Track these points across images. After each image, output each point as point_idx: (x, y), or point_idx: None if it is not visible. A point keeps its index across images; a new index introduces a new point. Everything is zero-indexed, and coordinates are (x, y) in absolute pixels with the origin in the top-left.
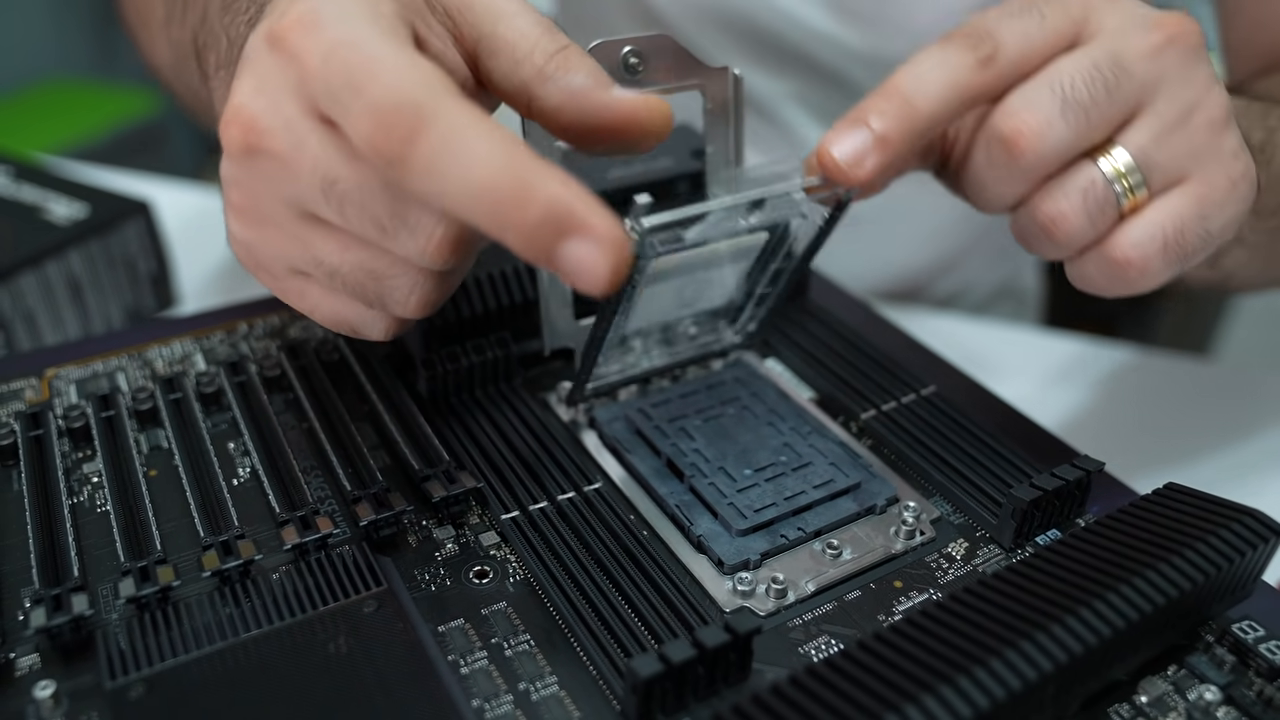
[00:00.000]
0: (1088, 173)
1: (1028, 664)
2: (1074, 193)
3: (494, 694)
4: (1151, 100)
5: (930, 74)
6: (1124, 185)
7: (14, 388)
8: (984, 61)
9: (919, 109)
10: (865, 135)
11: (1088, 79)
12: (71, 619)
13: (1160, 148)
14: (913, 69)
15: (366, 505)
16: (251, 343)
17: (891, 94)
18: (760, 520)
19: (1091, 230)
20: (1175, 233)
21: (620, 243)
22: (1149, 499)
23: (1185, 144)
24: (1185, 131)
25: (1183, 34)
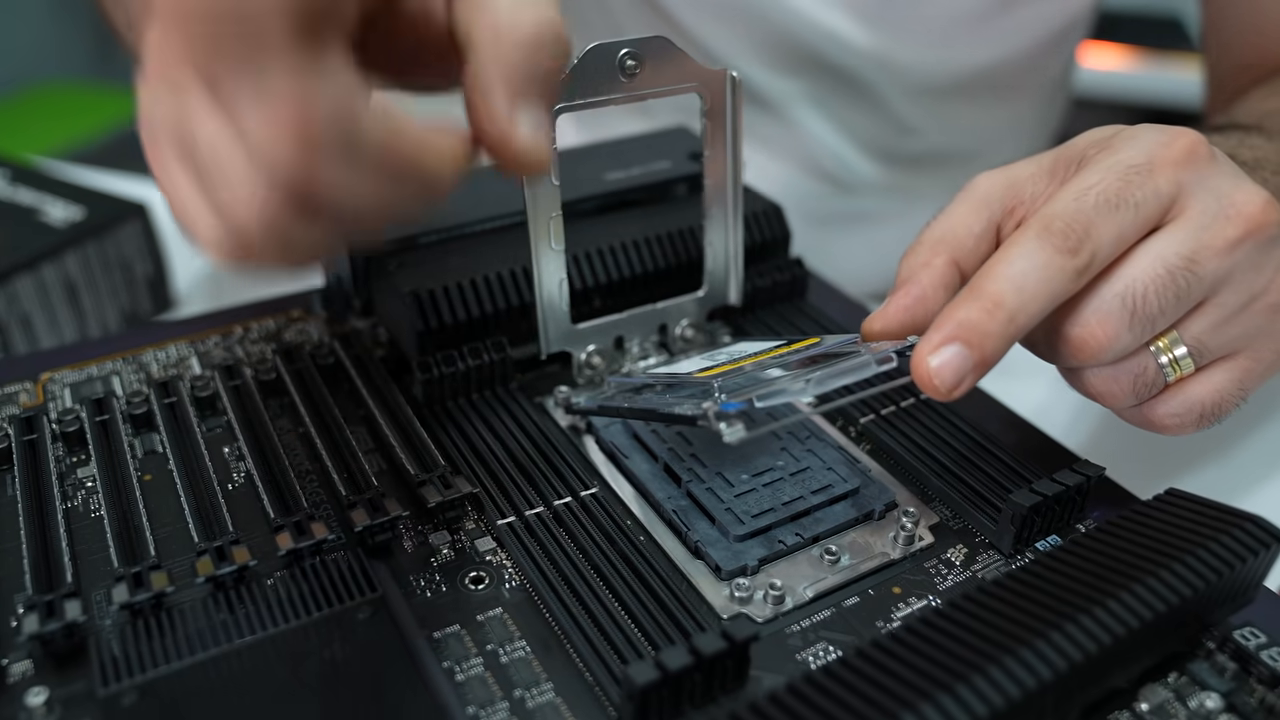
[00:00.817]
0: (1142, 360)
1: (1028, 671)
2: (1126, 377)
3: (489, 701)
4: (1218, 292)
5: (1031, 285)
6: (1172, 363)
7: (8, 391)
8: (1082, 270)
9: (1019, 325)
10: (964, 356)
11: (1160, 289)
12: (64, 625)
13: (1216, 335)
14: (1013, 278)
15: (362, 510)
16: (247, 346)
17: (993, 308)
18: (758, 526)
19: (1135, 401)
20: (1213, 405)
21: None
22: (1150, 505)
23: (1241, 329)
24: (1244, 317)
25: (1262, 225)
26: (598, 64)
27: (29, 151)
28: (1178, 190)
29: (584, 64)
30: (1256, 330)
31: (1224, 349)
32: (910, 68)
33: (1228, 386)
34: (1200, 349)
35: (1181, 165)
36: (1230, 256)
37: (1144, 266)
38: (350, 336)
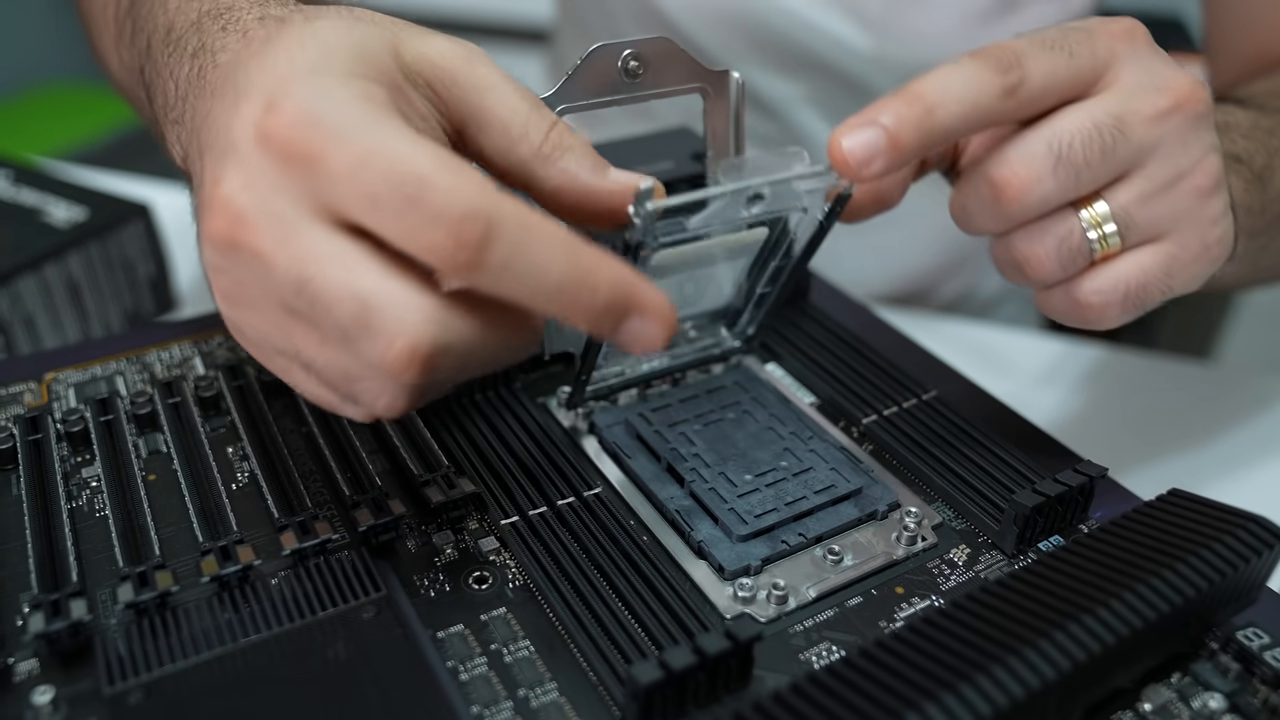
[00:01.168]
0: (1067, 223)
1: (1031, 671)
2: (1050, 239)
3: (493, 700)
4: (1145, 163)
5: (955, 88)
6: (1100, 238)
7: (13, 391)
8: (1009, 90)
9: (937, 119)
10: (878, 134)
11: (1086, 140)
12: (70, 624)
13: (1143, 208)
14: (939, 79)
15: (365, 510)
16: None
17: (913, 99)
18: (761, 526)
19: (1061, 273)
20: (1138, 287)
21: (669, 312)
22: (1153, 505)
23: (1168, 207)
24: (1171, 195)
25: (1191, 100)
26: (601, 65)
27: (31, 152)
28: (1112, 58)
29: (588, 65)
30: (1182, 213)
31: (1150, 228)
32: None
33: (1153, 269)
34: (1127, 221)
35: (1120, 38)
36: (1158, 126)
37: (1072, 119)
38: None
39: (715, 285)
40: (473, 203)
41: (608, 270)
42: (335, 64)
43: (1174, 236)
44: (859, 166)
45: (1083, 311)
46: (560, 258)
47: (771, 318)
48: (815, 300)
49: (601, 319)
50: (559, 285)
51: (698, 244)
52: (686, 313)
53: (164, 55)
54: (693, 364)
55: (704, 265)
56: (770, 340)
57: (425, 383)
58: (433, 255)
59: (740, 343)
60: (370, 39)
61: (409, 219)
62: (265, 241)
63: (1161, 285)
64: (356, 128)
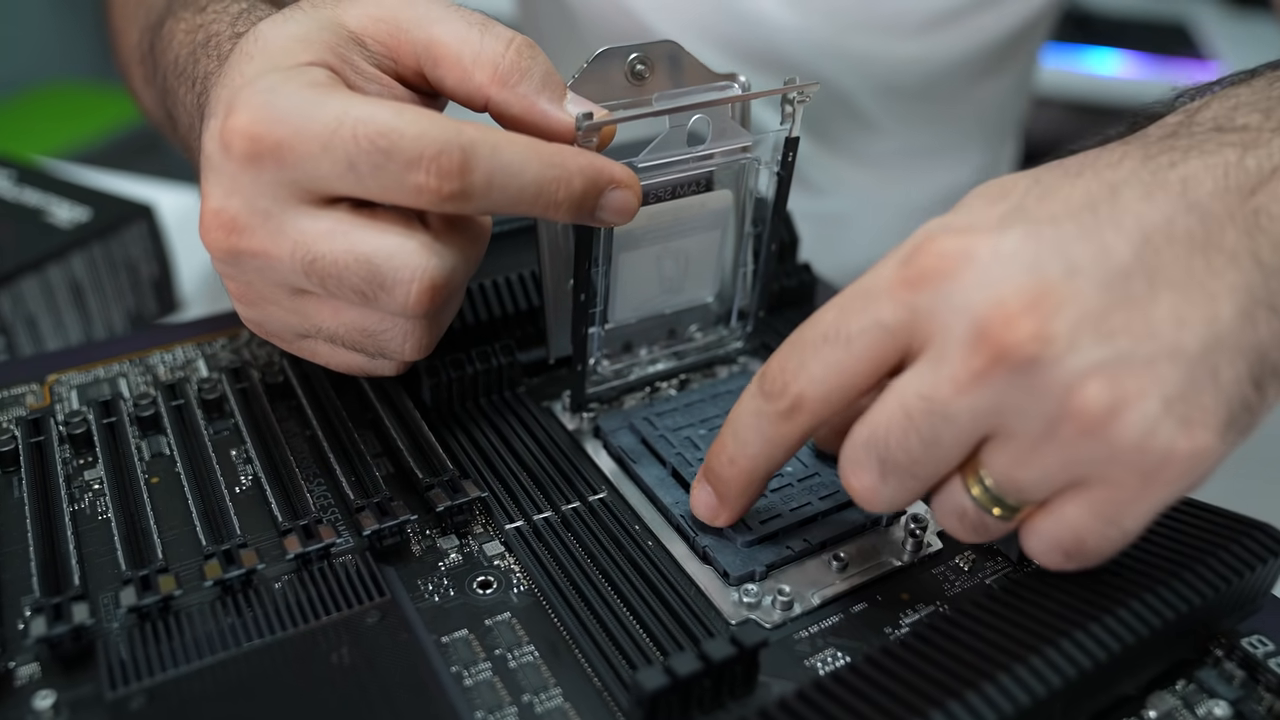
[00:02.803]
0: (957, 498)
1: (1036, 679)
2: (950, 514)
3: (498, 706)
4: (1000, 424)
5: (743, 430)
6: (997, 510)
7: (15, 393)
8: (786, 413)
9: (741, 469)
10: (710, 500)
11: (901, 435)
12: (72, 628)
13: (1027, 469)
14: (733, 421)
15: (369, 514)
16: (254, 349)
17: (720, 451)
18: (766, 531)
19: (982, 539)
20: (1074, 543)
21: (635, 178)
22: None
23: (1062, 458)
24: (1056, 447)
25: (1010, 348)
26: (607, 70)
27: (34, 152)
28: (911, 316)
29: (594, 68)
30: (1089, 458)
31: (1053, 482)
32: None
33: (1085, 521)
34: (1013, 486)
35: (912, 286)
36: (979, 394)
37: (885, 411)
38: None
39: (696, 264)
40: (442, 137)
41: (575, 159)
42: (278, 60)
43: (1099, 483)
44: (711, 522)
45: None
46: (533, 162)
47: (773, 317)
48: (819, 303)
49: (583, 202)
50: (539, 185)
51: (662, 205)
52: (677, 300)
53: (177, 88)
54: (696, 365)
55: (677, 236)
56: (774, 344)
57: (440, 313)
58: (421, 197)
59: (743, 342)
60: (308, 24)
61: (388, 172)
62: (261, 239)
63: (1105, 535)
64: (311, 109)
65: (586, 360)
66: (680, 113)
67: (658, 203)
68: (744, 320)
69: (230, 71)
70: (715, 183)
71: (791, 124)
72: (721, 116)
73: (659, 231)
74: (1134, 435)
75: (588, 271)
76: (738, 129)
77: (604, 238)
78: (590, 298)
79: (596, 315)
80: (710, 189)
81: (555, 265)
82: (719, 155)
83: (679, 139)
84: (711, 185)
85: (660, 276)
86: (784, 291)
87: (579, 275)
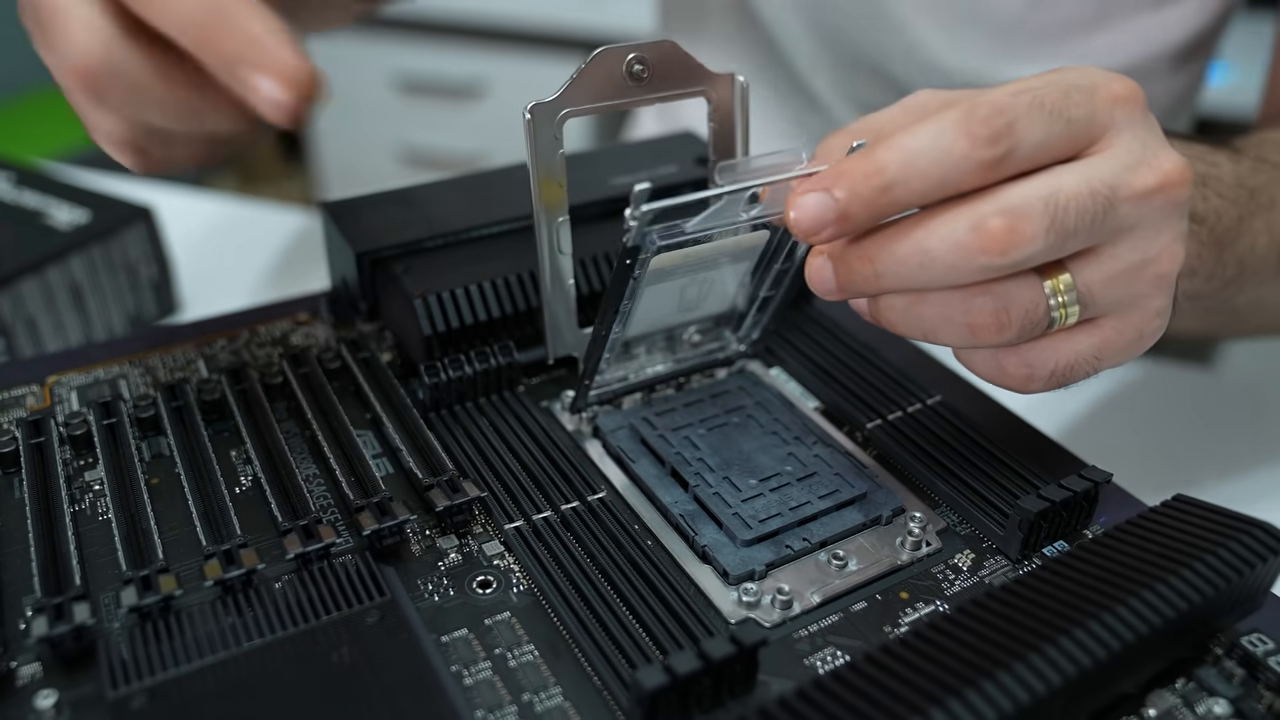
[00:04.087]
0: (1035, 292)
1: (1036, 677)
2: (1017, 306)
3: (498, 705)
4: (1118, 241)
5: (924, 160)
6: (1060, 313)
7: (15, 394)
8: (992, 164)
9: (894, 197)
10: (828, 207)
11: (1080, 206)
12: (73, 628)
13: (1104, 289)
14: (909, 148)
15: (369, 514)
16: (253, 350)
17: (873, 172)
18: (765, 530)
19: (1016, 341)
20: (1066, 367)
21: (301, 76)
22: (1157, 511)
23: (1125, 290)
24: (1132, 279)
25: (1176, 184)
26: (605, 70)
27: (33, 154)
28: (1110, 123)
29: (592, 68)
30: (1134, 299)
31: (1101, 308)
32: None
33: (1086, 351)
34: (1088, 299)
35: (1121, 102)
36: (1142, 205)
37: (1070, 180)
38: (357, 340)
39: (718, 289)
40: None
41: (247, 22)
42: None
43: (1115, 320)
44: (805, 236)
45: (1005, 379)
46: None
47: (776, 322)
48: (819, 305)
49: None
50: (197, 21)
51: (699, 247)
52: (689, 317)
53: None
54: (697, 368)
55: (706, 269)
56: (774, 345)
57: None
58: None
59: (744, 347)
60: None
61: None
62: None
63: (1089, 367)
64: None
65: (594, 376)
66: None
67: (695, 245)
68: (747, 327)
69: None
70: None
71: None
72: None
73: (690, 266)
74: (1160, 304)
75: (614, 316)
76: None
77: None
78: (608, 334)
79: (614, 343)
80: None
81: (553, 265)
82: (768, 214)
83: (734, 210)
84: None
85: (681, 300)
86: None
87: (606, 315)
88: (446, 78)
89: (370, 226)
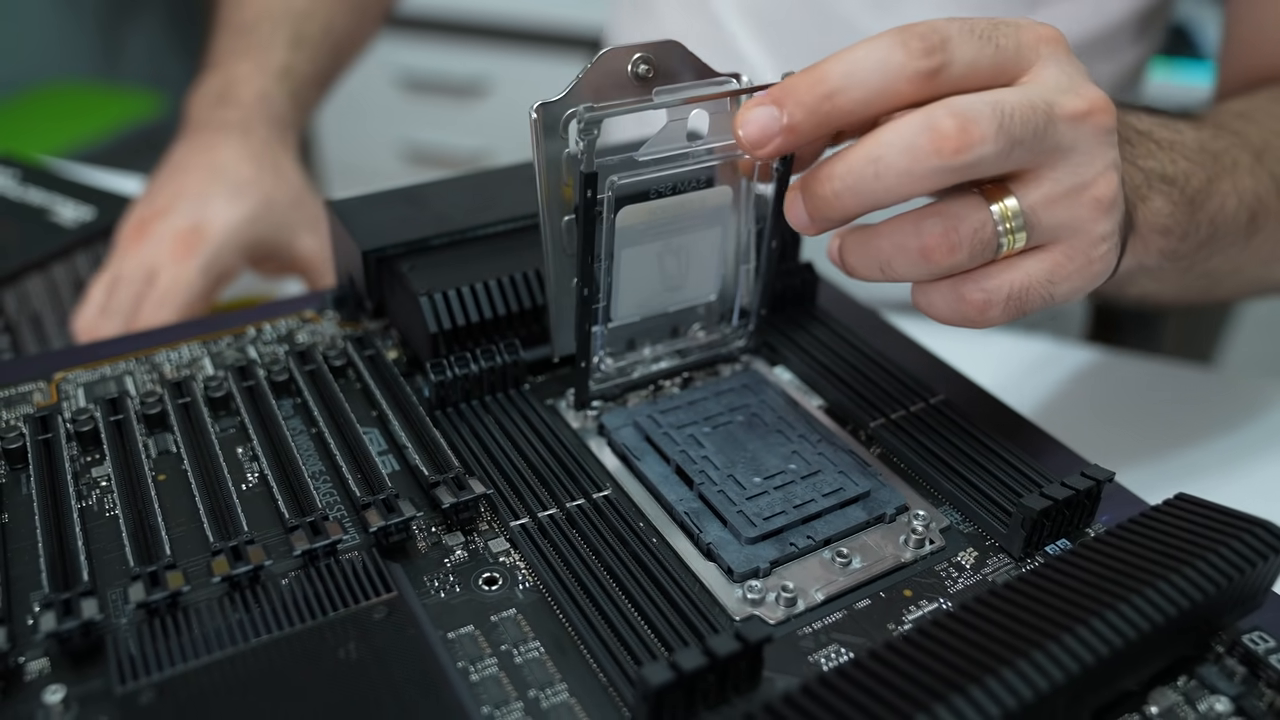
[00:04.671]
0: (982, 213)
1: (1039, 674)
2: (966, 226)
3: (504, 701)
4: (1056, 164)
5: (865, 70)
6: (1008, 237)
7: (22, 391)
8: (928, 74)
9: (837, 104)
10: (774, 118)
11: (1024, 117)
12: (81, 624)
13: (1047, 211)
14: (850, 61)
15: (376, 511)
16: (260, 347)
17: (816, 82)
18: (770, 528)
19: (968, 264)
20: (1021, 290)
21: None
22: (1159, 509)
23: (1067, 214)
24: (1072, 203)
25: (1103, 111)
26: (610, 69)
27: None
28: (1035, 57)
29: (597, 68)
30: (1077, 222)
31: (1046, 233)
32: None
33: (1038, 275)
34: (1032, 221)
35: (1046, 40)
36: (1076, 127)
37: (1011, 93)
38: (363, 338)
39: (697, 261)
40: None
41: None
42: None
43: (1063, 245)
44: (753, 148)
45: (964, 309)
46: None
47: (775, 316)
48: (823, 304)
49: None
50: None
51: (662, 201)
52: (677, 297)
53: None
54: (700, 364)
55: (678, 232)
56: (778, 344)
57: None
58: None
59: (745, 341)
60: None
61: None
62: None
63: (1044, 292)
64: None
65: (590, 358)
66: (678, 106)
67: (659, 198)
68: (746, 319)
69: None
70: (716, 180)
71: None
72: (721, 112)
73: (660, 228)
74: (1104, 229)
75: (590, 266)
76: None
77: (606, 234)
78: (593, 293)
79: (599, 312)
80: (711, 185)
81: (559, 263)
82: (718, 150)
83: (678, 133)
84: (713, 182)
85: (662, 274)
86: (786, 290)
87: (582, 270)
88: (451, 76)
89: (376, 224)
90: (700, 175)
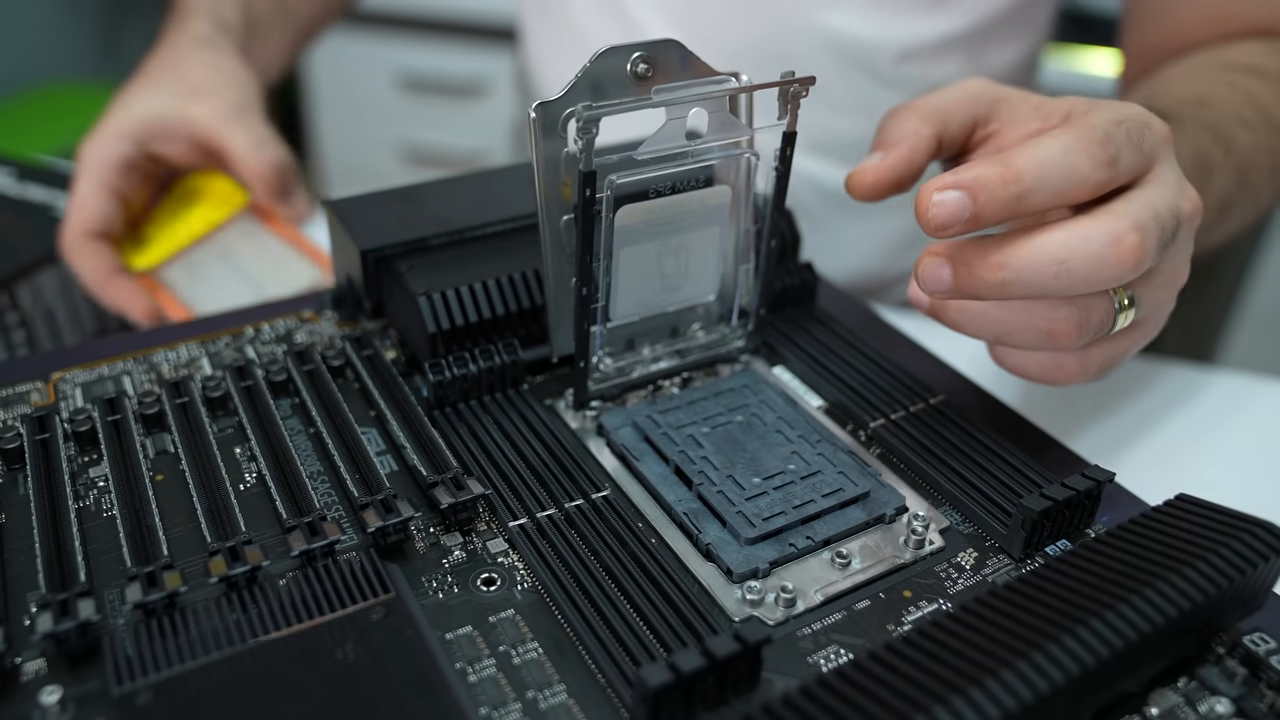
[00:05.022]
0: (1109, 304)
1: (1039, 675)
2: (1096, 316)
3: (502, 702)
4: (1164, 256)
5: (1054, 175)
6: (1121, 320)
7: (19, 391)
8: (1102, 184)
9: (1026, 203)
10: (966, 206)
11: (1170, 225)
12: (78, 624)
13: (1150, 297)
14: (1041, 160)
15: (374, 512)
16: (258, 347)
17: (1012, 178)
18: (769, 529)
19: (1083, 345)
20: (1112, 360)
21: None
22: (1160, 510)
23: (1165, 297)
24: (1168, 288)
25: (1200, 212)
26: (609, 68)
27: (36, 151)
28: (1157, 157)
29: (596, 68)
30: (1166, 304)
31: (1143, 314)
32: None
33: (1126, 349)
34: (1139, 306)
35: (1164, 140)
36: (1186, 226)
37: (1158, 201)
38: (361, 338)
39: (696, 261)
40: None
41: None
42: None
43: (1152, 321)
44: (936, 230)
45: (1057, 375)
46: None
47: (775, 316)
48: (823, 304)
49: None
50: None
51: (661, 201)
52: (675, 296)
53: None
54: (699, 364)
55: (676, 232)
56: (777, 344)
57: None
58: None
59: (745, 341)
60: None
61: None
62: None
63: (1123, 360)
64: None
65: (589, 358)
66: (678, 105)
67: (658, 197)
68: (745, 319)
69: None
70: (715, 179)
71: (790, 118)
72: (720, 110)
73: (659, 227)
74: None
75: (589, 265)
76: (735, 123)
77: (605, 233)
78: (592, 292)
79: (598, 312)
80: (710, 185)
81: (557, 263)
82: (717, 149)
83: (677, 132)
84: (711, 181)
85: (661, 273)
86: (785, 290)
87: (581, 269)
88: (449, 76)
89: (375, 224)
90: (699, 174)
